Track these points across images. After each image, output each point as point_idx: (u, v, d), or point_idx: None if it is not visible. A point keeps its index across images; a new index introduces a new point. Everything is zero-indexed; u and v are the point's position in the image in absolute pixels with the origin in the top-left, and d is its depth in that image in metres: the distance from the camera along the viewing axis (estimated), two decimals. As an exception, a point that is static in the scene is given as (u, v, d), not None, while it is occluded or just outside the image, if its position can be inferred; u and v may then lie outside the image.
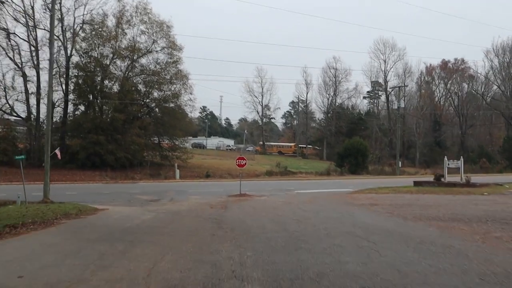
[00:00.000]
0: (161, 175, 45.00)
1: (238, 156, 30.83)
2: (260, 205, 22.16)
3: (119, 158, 44.89)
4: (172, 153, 51.74)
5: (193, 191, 32.24)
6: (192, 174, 48.84)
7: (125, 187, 34.54)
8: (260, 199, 26.62)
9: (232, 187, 32.34)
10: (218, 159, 68.89)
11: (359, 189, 33.36)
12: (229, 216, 17.34)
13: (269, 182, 44.25)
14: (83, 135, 45.99)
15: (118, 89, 48.14)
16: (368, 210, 18.93)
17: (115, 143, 45.66)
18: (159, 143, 52.52)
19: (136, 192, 30.07)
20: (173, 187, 36.01)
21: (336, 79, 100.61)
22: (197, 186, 37.65)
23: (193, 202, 24.37)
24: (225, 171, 51.56)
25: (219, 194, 29.13)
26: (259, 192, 31.15)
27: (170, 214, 18.09)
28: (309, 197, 27.40)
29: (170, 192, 30.94)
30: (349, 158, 59.43)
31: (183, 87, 51.41)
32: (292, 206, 21.51)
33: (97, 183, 38.38)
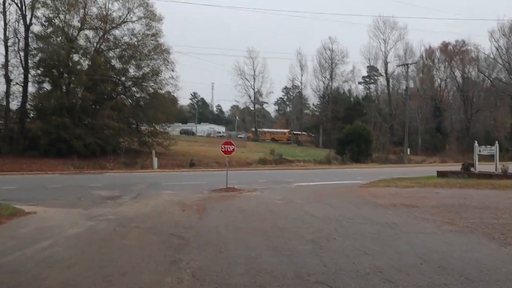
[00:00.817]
0: (137, 164, 38.88)
1: (225, 141, 24.68)
2: (251, 206, 16.24)
3: (88, 144, 38.63)
4: (153, 138, 45.51)
5: (169, 184, 26.28)
6: (174, 162, 42.71)
7: (87, 179, 28.45)
8: (252, 195, 20.77)
9: (219, 178, 26.75)
10: (207, 146, 62.83)
11: (371, 180, 27.94)
12: (202, 230, 11.36)
13: (262, 172, 38.26)
14: (45, 117, 39.76)
15: (88, 64, 41.75)
16: (410, 217, 13.03)
17: (84, 127, 39.43)
18: (137, 127, 46.20)
19: (97, 186, 23.99)
20: (148, 178, 30.00)
21: (332, 61, 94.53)
22: (177, 177, 31.57)
23: (162, 200, 18.54)
24: (213, 159, 45.46)
25: (200, 188, 23.44)
26: (250, 184, 25.32)
27: (115, 225, 12.02)
28: (314, 192, 21.57)
29: (140, 185, 24.94)
30: (351, 145, 53.56)
31: (163, 63, 45.16)
32: (295, 207, 15.65)
33: (56, 173, 32.26)
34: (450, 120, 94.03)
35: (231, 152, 23.74)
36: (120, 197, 19.67)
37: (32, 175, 30.93)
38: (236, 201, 18.02)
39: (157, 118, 45.67)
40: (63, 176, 30.44)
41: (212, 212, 14.80)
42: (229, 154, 23.85)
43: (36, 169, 33.22)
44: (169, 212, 14.76)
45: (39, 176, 29.99)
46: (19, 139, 38.87)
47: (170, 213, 14.45)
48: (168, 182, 27.17)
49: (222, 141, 26.31)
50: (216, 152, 52.45)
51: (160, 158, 42.80)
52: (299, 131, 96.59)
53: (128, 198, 19.54)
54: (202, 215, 13.95)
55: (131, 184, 25.19)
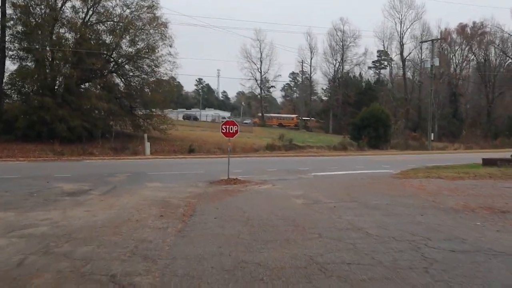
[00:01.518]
0: (128, 150, 34.02)
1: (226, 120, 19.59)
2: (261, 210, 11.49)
3: (73, 127, 33.73)
4: (148, 121, 40.54)
5: (159, 173, 21.58)
6: (172, 148, 37.83)
7: (60, 168, 23.64)
8: (260, 190, 16.08)
9: (220, 167, 22.19)
10: (209, 131, 57.93)
11: (402, 170, 23.63)
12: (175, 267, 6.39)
13: (271, 159, 33.37)
14: (24, 96, 34.87)
15: (74, 38, 36.71)
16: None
17: (69, 108, 34.49)
18: (130, 109, 41.17)
19: (66, 177, 19.20)
20: (135, 166, 25.23)
21: (343, 43, 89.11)
22: (171, 165, 26.75)
23: (140, 198, 13.90)
24: (215, 145, 40.53)
25: (196, 179, 19.00)
26: (258, 175, 20.72)
27: (32, 250, 7.15)
28: (341, 186, 16.81)
29: (121, 176, 20.15)
30: (368, 130, 48.44)
31: (160, 39, 40.00)
32: (326, 212, 10.91)
33: (29, 160, 27.39)
34: (465, 105, 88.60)
35: (233, 134, 18.87)
36: (87, 193, 14.91)
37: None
38: (239, 200, 13.23)
39: (153, 99, 40.69)
40: (33, 164, 25.60)
41: (202, 220, 9.96)
42: (231, 137, 18.96)
43: (7, 155, 28.42)
44: (137, 220, 9.91)
45: (2, 164, 25.14)
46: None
47: (137, 223, 9.60)
48: (158, 171, 22.41)
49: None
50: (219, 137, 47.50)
51: (155, 143, 37.94)
52: (308, 117, 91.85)
53: (97, 193, 14.81)
54: (185, 228, 9.11)
55: (110, 174, 20.37)
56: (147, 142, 33.68)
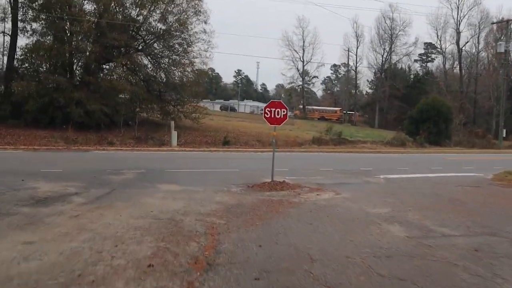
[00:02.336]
0: (153, 140, 29.24)
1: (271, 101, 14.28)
2: (337, 248, 6.03)
3: (91, 112, 29.14)
4: (179, 108, 35.68)
5: (180, 171, 16.79)
6: (204, 139, 32.87)
7: (60, 159, 19.14)
8: (320, 201, 11.27)
9: (259, 164, 17.78)
10: (248, 122, 53.04)
11: (494, 173, 18.51)
12: None
13: (321, 155, 28.05)
14: (36, 75, 30.49)
15: (97, 10, 32.11)
16: None
17: (86, 89, 29.93)
18: (159, 93, 36.34)
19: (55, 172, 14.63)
20: (155, 160, 20.43)
21: (392, 32, 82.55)
22: (199, 159, 21.83)
23: (137, 213, 9.17)
24: (254, 137, 35.50)
25: (227, 181, 14.13)
26: (310, 176, 15.61)
27: None
28: (436, 197, 11.87)
29: (127, 173, 15.30)
30: (427, 124, 42.39)
31: (194, 14, 35.06)
32: (461, 259, 5.34)
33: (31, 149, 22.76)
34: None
35: (281, 121, 13.68)
36: (65, 200, 10.18)
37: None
38: (294, 224, 8.17)
39: (186, 83, 35.85)
40: (30, 154, 20.91)
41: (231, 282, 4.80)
42: (277, 124, 13.75)
43: (8, 142, 23.96)
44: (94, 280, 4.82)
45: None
46: (1, 104, 29.81)
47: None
48: (181, 168, 17.55)
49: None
50: (259, 128, 42.61)
51: (185, 133, 33.11)
52: (352, 110, 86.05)
53: (80, 201, 10.11)
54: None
55: (117, 170, 15.55)
56: (174, 131, 28.74)
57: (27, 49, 30.20)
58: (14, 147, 22.85)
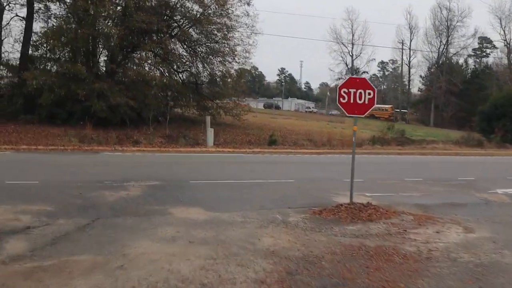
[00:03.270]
0: (186, 139, 24.72)
1: (349, 78, 9.27)
2: None
3: (115, 106, 24.88)
4: (217, 103, 31.12)
5: (210, 183, 12.18)
6: (246, 138, 28.16)
7: (54, 163, 14.82)
8: (453, 254, 6.41)
9: (319, 172, 13.24)
10: (294, 119, 48.20)
11: None
12: None
13: (393, 159, 22.87)
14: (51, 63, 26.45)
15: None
16: None
17: (110, 80, 25.68)
18: (196, 86, 31.86)
19: (26, 185, 9.95)
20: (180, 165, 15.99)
21: (449, 23, 76.03)
22: (239, 165, 17.20)
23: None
24: (303, 136, 30.68)
25: (280, 203, 9.39)
26: (397, 190, 10.96)
27: None
28: None
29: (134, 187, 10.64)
30: (503, 121, 36.44)
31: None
32: None
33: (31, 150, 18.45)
34: None
35: (365, 108, 8.83)
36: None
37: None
38: None
39: (226, 75, 31.30)
40: (17, 156, 16.55)
41: None
42: (360, 114, 8.89)
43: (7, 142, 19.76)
44: None
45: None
46: (13, 96, 25.88)
47: None
48: (212, 178, 12.96)
49: (314, 116, 11.39)
50: (308, 126, 37.84)
51: (225, 131, 28.56)
52: (404, 107, 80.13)
53: (19, 249, 5.63)
54: None
55: (119, 182, 11.04)
56: (210, 128, 24.08)
57: (42, 33, 26.08)
58: (14, 147, 18.66)
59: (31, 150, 18.19)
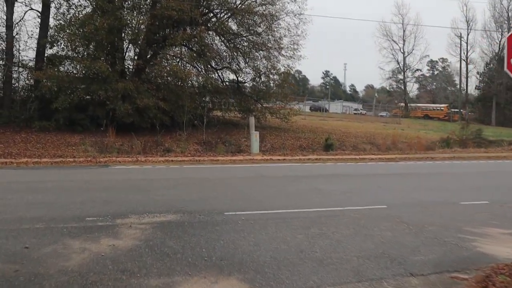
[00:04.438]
0: (226, 145, 20.76)
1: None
2: None
3: (143, 109, 21.19)
4: (262, 103, 27.06)
5: (262, 214, 8.01)
6: (296, 143, 23.98)
7: (35, 185, 10.90)
8: None
9: (416, 191, 9.75)
10: (346, 121, 43.72)
11: None
12: None
13: (494, 166, 18.20)
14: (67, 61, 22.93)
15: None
16: None
17: (136, 78, 22.00)
18: (237, 84, 27.89)
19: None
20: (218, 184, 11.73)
21: (510, 13, 70.15)
22: (295, 180, 12.75)
23: None
24: (363, 139, 26.37)
25: (380, 260, 4.88)
26: None
27: None
28: None
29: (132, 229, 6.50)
30: None
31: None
32: None
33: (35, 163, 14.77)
34: None
35: None
36: None
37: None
38: None
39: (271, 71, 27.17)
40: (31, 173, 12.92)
41: None
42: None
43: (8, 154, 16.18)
44: None
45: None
46: (27, 101, 22.52)
47: None
48: (258, 206, 8.82)
49: (364, 118, 7.56)
50: (364, 128, 33.29)
51: (271, 135, 24.55)
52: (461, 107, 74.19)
53: None
54: None
55: (111, 217, 7.17)
56: (254, 131, 19.98)
57: (58, 26, 22.56)
58: (10, 161, 14.99)
59: (27, 165, 14.49)
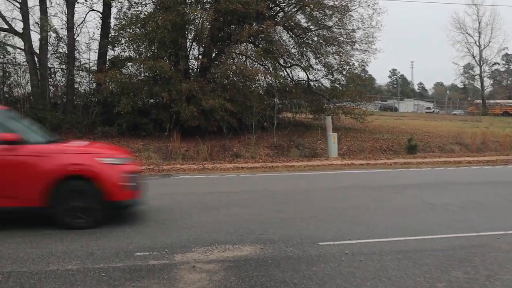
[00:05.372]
0: (300, 149, 18.87)
1: None
2: None
3: (209, 111, 19.62)
4: (335, 103, 25.01)
5: (369, 245, 5.89)
6: (375, 145, 21.70)
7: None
8: None
9: None
10: (422, 120, 40.96)
11: None
12: None
13: None
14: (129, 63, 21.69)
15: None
16: None
17: (201, 78, 20.57)
18: (307, 83, 25.96)
19: None
20: (301, 197, 9.94)
21: None
22: (399, 194, 10.51)
23: None
24: (449, 139, 23.81)
25: None
26: None
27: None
28: None
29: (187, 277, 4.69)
30: None
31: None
32: None
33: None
34: None
35: None
36: None
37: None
38: None
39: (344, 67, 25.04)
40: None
41: None
42: None
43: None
44: None
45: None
46: (89, 105, 21.55)
47: None
48: (359, 230, 6.86)
49: (438, 116, 5.54)
50: (445, 127, 30.47)
51: (346, 137, 22.50)
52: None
53: None
54: None
55: (167, 253, 5.28)
56: (331, 133, 17.97)
57: (119, 26, 21.46)
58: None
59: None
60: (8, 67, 21.92)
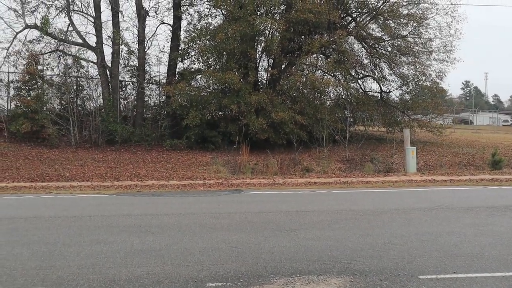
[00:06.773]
0: (374, 163, 17.88)
1: None
2: None
3: (279, 124, 19.11)
4: (410, 115, 23.83)
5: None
6: (454, 160, 20.33)
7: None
8: None
9: None
10: (502, 133, 38.72)
11: None
12: None
13: None
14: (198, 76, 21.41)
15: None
16: None
17: (271, 90, 20.05)
18: (381, 94, 24.88)
19: None
20: (386, 221, 9.03)
21: None
22: (492, 216, 9.20)
23: None
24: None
25: None
26: None
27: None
28: None
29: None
30: None
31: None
32: None
33: (159, 188, 13.09)
34: None
35: None
36: None
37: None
38: None
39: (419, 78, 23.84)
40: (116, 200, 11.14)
41: None
42: None
43: (133, 175, 14.82)
44: None
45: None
46: (158, 118, 21.47)
47: None
48: (453, 267, 5.87)
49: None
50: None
51: (423, 151, 21.34)
52: None
53: None
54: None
55: (248, 283, 4.38)
56: (409, 147, 16.88)
57: (188, 38, 21.34)
58: (138, 184, 13.55)
59: (151, 189, 12.81)
60: (81, 81, 22.29)
